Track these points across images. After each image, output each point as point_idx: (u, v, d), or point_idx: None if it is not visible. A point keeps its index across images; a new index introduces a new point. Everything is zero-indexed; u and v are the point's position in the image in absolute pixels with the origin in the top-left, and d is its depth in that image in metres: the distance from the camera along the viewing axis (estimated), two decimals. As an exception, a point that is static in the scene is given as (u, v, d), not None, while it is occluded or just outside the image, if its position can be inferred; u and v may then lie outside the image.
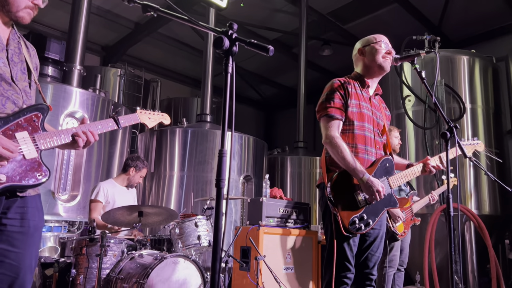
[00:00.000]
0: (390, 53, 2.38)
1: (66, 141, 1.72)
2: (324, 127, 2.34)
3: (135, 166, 3.98)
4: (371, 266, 2.36)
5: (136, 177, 4.02)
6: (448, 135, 2.11)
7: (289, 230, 4.21)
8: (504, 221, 5.67)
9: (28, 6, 1.64)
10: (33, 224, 1.67)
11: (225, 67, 1.24)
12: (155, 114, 2.27)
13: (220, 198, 1.13)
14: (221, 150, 1.20)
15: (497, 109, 6.02)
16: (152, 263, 3.03)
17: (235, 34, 1.25)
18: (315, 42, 8.87)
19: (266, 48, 1.24)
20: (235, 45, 1.25)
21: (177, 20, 1.33)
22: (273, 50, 1.25)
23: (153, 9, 1.33)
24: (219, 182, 1.16)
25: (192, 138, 6.04)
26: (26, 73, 1.72)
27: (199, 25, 1.29)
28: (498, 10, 7.38)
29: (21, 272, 1.61)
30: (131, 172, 3.98)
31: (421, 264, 5.01)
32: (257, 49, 1.27)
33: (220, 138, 4.19)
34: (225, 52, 1.24)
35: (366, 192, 2.20)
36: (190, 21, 1.30)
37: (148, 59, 9.99)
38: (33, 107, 1.66)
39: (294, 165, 7.56)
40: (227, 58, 1.24)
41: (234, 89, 1.20)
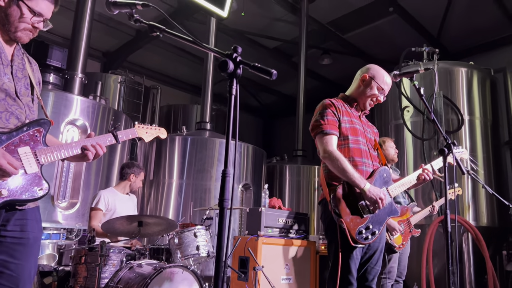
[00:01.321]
0: (378, 102, 2.50)
1: (71, 154, 1.75)
2: (320, 144, 2.38)
3: (134, 172, 4.05)
4: (370, 279, 2.39)
5: (138, 182, 4.09)
6: (446, 152, 2.14)
7: (288, 240, 4.22)
8: (501, 232, 5.69)
9: (26, 28, 1.68)
10: (32, 235, 1.70)
11: (229, 89, 1.26)
12: (152, 129, 2.34)
13: (223, 218, 1.15)
14: (225, 170, 1.22)
15: (494, 121, 6.06)
16: (151, 273, 3.03)
17: (240, 57, 1.28)
18: (314, 51, 8.92)
19: (269, 72, 1.27)
20: (239, 68, 1.28)
21: (182, 41, 1.36)
22: (276, 74, 1.27)
23: (159, 30, 1.36)
24: (222, 202, 1.18)
25: (192, 146, 6.06)
26: (29, 89, 1.76)
27: (204, 47, 1.32)
28: (496, 22, 7.45)
29: (20, 283, 1.64)
30: (131, 178, 4.03)
31: (419, 275, 5.02)
32: (261, 72, 1.30)
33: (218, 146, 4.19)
34: (230, 75, 1.27)
35: (369, 201, 2.24)
36: (195, 42, 1.33)
37: (149, 66, 10.03)
38: (35, 122, 1.69)
39: (292, 173, 7.57)
40: (231, 80, 1.27)
41: (238, 111, 1.22)
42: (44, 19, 1.73)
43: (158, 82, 9.94)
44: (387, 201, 2.28)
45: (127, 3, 1.43)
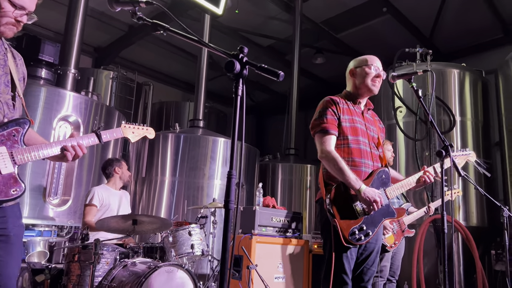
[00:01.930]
0: (379, 76, 2.46)
1: (50, 155, 1.72)
2: (319, 143, 2.38)
3: (116, 165, 4.06)
4: (366, 279, 2.40)
5: (125, 172, 4.11)
6: (443, 153, 2.15)
7: (281, 239, 4.23)
8: (490, 232, 5.77)
9: (9, 22, 1.64)
10: (13, 232, 1.69)
11: (235, 90, 1.25)
12: (139, 128, 2.28)
13: (229, 220, 1.14)
14: (230, 171, 1.21)
15: (485, 122, 6.14)
16: (145, 271, 3.02)
17: (246, 58, 1.27)
18: (308, 50, 8.94)
19: (276, 74, 1.27)
20: (245, 69, 1.27)
21: (186, 40, 1.35)
22: (283, 75, 1.27)
23: (163, 28, 1.34)
24: (227, 203, 1.18)
25: (185, 144, 6.03)
26: (9, 86, 1.71)
27: (210, 47, 1.30)
28: (488, 24, 7.54)
29: (3, 279, 1.63)
30: (118, 171, 4.03)
31: (410, 274, 5.07)
32: (268, 73, 1.29)
33: (211, 144, 4.18)
34: (236, 75, 1.26)
35: (364, 203, 2.24)
36: (199, 42, 1.32)
37: (141, 62, 9.95)
38: (13, 122, 1.66)
39: (285, 172, 7.59)
40: (237, 81, 1.26)
41: (244, 112, 1.22)
42: (28, 12, 1.68)
43: (151, 79, 9.87)
44: (383, 202, 2.28)
45: (130, 0, 1.41)
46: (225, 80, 10.49)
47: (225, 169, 6.01)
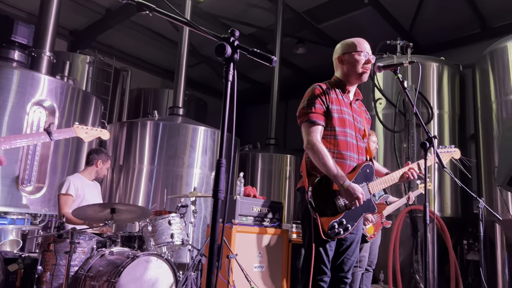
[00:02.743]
0: (369, 62, 2.39)
1: None
2: (305, 133, 2.33)
3: (102, 159, 3.94)
4: (346, 269, 2.40)
5: (104, 169, 3.99)
6: (427, 145, 2.17)
7: (262, 228, 4.22)
8: (463, 223, 5.93)
9: None
10: None
11: (225, 74, 1.20)
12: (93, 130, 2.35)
13: (217, 210, 1.10)
14: (220, 160, 1.17)
15: (462, 115, 6.27)
16: (124, 261, 2.96)
17: (237, 42, 1.22)
18: (289, 39, 8.88)
19: (269, 59, 1.22)
20: (236, 53, 1.22)
21: (173, 21, 1.28)
22: (276, 61, 1.22)
23: (149, 9, 1.27)
24: (216, 193, 1.14)
25: (164, 132, 5.92)
26: None
27: (200, 30, 1.24)
28: (466, 19, 7.66)
29: None
30: (98, 165, 3.92)
31: (385, 264, 5.16)
32: (260, 58, 1.24)
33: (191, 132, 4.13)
34: (227, 59, 1.21)
35: (347, 198, 2.22)
36: (188, 24, 1.26)
37: (119, 47, 9.69)
38: None
39: (265, 162, 7.58)
40: (228, 65, 1.21)
41: (235, 98, 1.17)
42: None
43: (129, 64, 9.63)
44: (365, 197, 2.26)
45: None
46: (205, 67, 10.35)
47: (204, 158, 5.94)
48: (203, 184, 5.83)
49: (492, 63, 5.57)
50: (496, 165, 4.87)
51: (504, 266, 5.15)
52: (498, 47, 5.54)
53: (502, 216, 4.77)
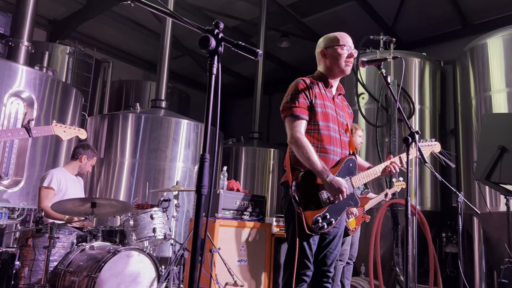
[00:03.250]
0: (352, 56, 2.41)
1: None
2: (289, 127, 2.33)
3: (87, 154, 3.84)
4: (329, 263, 2.42)
5: (88, 165, 3.89)
6: (409, 140, 2.19)
7: (245, 222, 4.22)
8: (442, 216, 6.05)
9: None
10: None
11: (209, 67, 1.18)
12: (71, 129, 2.39)
13: (201, 205, 1.09)
14: (203, 154, 1.15)
15: (442, 110, 6.37)
16: (104, 256, 2.92)
17: (222, 34, 1.20)
18: (273, 33, 8.86)
19: (254, 52, 1.20)
20: (221, 45, 1.19)
21: (156, 12, 1.25)
22: (261, 54, 1.21)
23: (131, -1, 1.23)
24: (200, 188, 1.12)
25: (146, 124, 5.85)
26: None
27: (184, 21, 1.22)
28: (448, 16, 7.76)
29: None
30: (83, 160, 3.82)
31: (366, 257, 5.23)
32: (245, 52, 1.22)
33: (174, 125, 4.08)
34: (211, 52, 1.18)
35: (330, 192, 2.23)
36: (172, 15, 1.23)
37: (100, 38, 9.50)
38: None
39: (248, 156, 7.57)
40: (212, 58, 1.18)
41: (219, 91, 1.15)
42: None
43: (110, 56, 9.47)
44: (348, 191, 2.28)
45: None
46: (188, 60, 10.25)
47: (187, 151, 5.90)
48: (186, 178, 5.79)
49: (472, 59, 5.66)
50: (475, 160, 4.97)
51: (481, 258, 5.28)
52: (478, 44, 5.63)
53: (480, 210, 4.88)
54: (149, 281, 3.10)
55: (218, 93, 1.16)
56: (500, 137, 3.63)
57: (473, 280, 5.25)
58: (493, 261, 5.23)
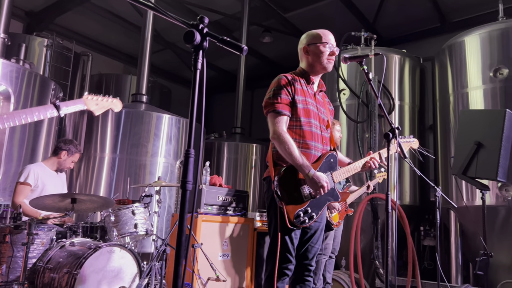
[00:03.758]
0: (333, 54, 2.45)
1: None
2: (271, 123, 2.36)
3: (68, 150, 3.73)
4: (310, 257, 2.45)
5: (68, 162, 3.77)
6: (390, 136, 2.22)
7: (227, 217, 4.23)
8: (421, 210, 6.18)
9: None
10: None
11: (194, 62, 1.17)
12: (104, 100, 2.05)
13: (185, 202, 1.08)
14: (188, 150, 1.15)
15: (421, 107, 6.49)
16: (85, 252, 2.88)
17: (206, 29, 1.19)
18: (256, 28, 8.84)
19: (239, 48, 1.20)
20: (206, 40, 1.19)
21: (137, 5, 1.24)
22: (247, 50, 1.21)
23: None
24: (184, 184, 1.12)
25: (126, 119, 5.77)
26: None
27: (167, 15, 1.20)
28: (427, 13, 7.89)
29: None
30: (62, 156, 3.72)
31: (347, 250, 5.31)
32: (230, 47, 1.22)
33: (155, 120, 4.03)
34: (195, 47, 1.17)
35: (312, 187, 2.27)
36: (155, 9, 1.22)
37: (79, 31, 9.30)
38: None
39: (230, 151, 7.56)
40: (196, 53, 1.18)
41: (204, 86, 1.15)
42: None
43: (89, 49, 9.28)
44: (329, 186, 2.31)
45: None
46: (170, 54, 10.14)
47: (169, 146, 5.85)
48: (168, 173, 5.75)
49: (451, 56, 5.78)
50: (452, 155, 5.08)
51: (458, 251, 5.42)
52: (456, 42, 5.74)
53: (456, 204, 5.00)
54: (131, 277, 3.08)
55: (203, 88, 1.16)
56: (476, 133, 3.73)
57: (450, 272, 5.39)
58: (469, 254, 5.37)
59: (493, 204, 4.90)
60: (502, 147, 3.51)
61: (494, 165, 3.50)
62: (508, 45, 5.18)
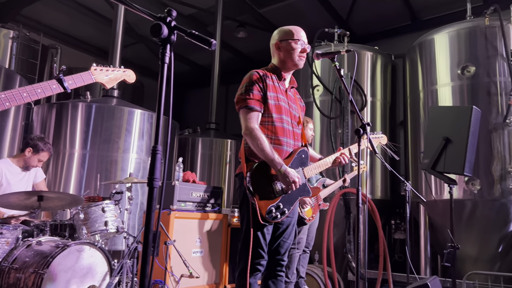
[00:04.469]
0: (305, 51, 2.47)
1: None
2: (243, 119, 2.35)
3: (34, 147, 3.55)
4: (282, 252, 2.47)
5: (33, 160, 3.58)
6: (361, 132, 2.25)
7: (201, 214, 4.20)
8: (391, 204, 6.32)
9: None
10: None
11: (161, 56, 1.14)
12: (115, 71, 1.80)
13: (152, 199, 1.06)
14: (155, 146, 1.12)
15: (393, 103, 6.62)
16: (53, 251, 2.80)
17: (174, 22, 1.16)
18: (230, 23, 8.78)
19: (208, 42, 1.18)
20: (173, 34, 1.16)
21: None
22: (216, 44, 1.19)
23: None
24: (151, 181, 1.09)
25: (97, 114, 5.63)
26: None
27: (134, 8, 1.17)
28: (398, 11, 8.02)
29: None
30: (27, 153, 3.56)
31: (320, 244, 5.37)
32: (199, 41, 1.20)
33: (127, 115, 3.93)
34: (163, 40, 1.15)
35: (283, 183, 2.28)
36: (122, 1, 1.18)
37: (47, 22, 9.00)
38: None
39: (205, 146, 7.51)
40: (164, 47, 1.15)
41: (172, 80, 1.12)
42: None
43: (58, 42, 9.00)
44: (301, 181, 2.34)
45: None
46: (142, 47, 9.96)
47: (141, 142, 5.76)
48: (140, 170, 5.66)
49: (421, 54, 5.90)
50: (422, 150, 5.21)
51: (427, 243, 5.57)
52: (426, 39, 5.87)
53: (426, 198, 5.14)
54: (101, 276, 3.02)
55: (171, 82, 1.13)
56: (444, 129, 3.82)
57: (419, 264, 5.54)
58: (437, 246, 5.53)
59: (460, 198, 5.06)
60: (468, 143, 3.62)
61: (461, 160, 3.60)
62: (475, 44, 5.34)
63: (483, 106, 4.82)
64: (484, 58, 5.26)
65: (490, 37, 5.28)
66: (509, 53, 5.10)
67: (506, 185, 4.86)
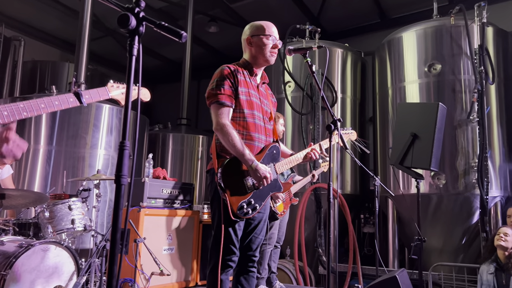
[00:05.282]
0: (276, 47, 2.46)
1: None
2: (214, 114, 2.33)
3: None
4: (254, 248, 2.46)
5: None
6: (332, 127, 2.27)
7: (172, 211, 4.14)
8: (361, 199, 6.44)
9: None
10: None
11: (129, 48, 1.10)
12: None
13: (120, 197, 1.02)
14: (123, 142, 1.08)
15: (362, 99, 6.74)
16: (16, 251, 2.69)
17: (143, 13, 1.13)
18: (202, 17, 8.68)
19: (178, 34, 1.15)
20: (142, 25, 1.12)
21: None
22: (186, 36, 1.16)
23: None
24: (119, 178, 1.05)
25: (64, 109, 5.44)
26: None
27: (100, -2, 1.12)
28: (368, 9, 8.15)
29: None
30: None
31: (291, 239, 5.42)
32: (168, 33, 1.16)
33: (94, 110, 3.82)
34: (131, 32, 1.11)
35: (255, 178, 2.27)
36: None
37: (9, 14, 8.61)
38: None
39: (176, 142, 7.41)
40: (132, 39, 1.11)
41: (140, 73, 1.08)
42: None
43: (22, 34, 8.65)
44: (272, 177, 2.34)
45: None
46: (110, 41, 9.70)
47: (110, 138, 5.62)
48: (108, 166, 5.52)
49: (389, 52, 6.03)
50: (390, 146, 5.33)
51: (395, 237, 5.72)
52: (395, 37, 6.00)
53: (394, 192, 5.26)
54: (68, 275, 2.93)
55: (139, 75, 1.10)
56: (412, 125, 3.92)
57: (388, 257, 5.68)
58: (405, 239, 5.69)
59: (427, 192, 5.21)
60: (435, 138, 3.72)
61: (428, 155, 3.70)
62: (441, 42, 5.49)
63: (448, 103, 4.98)
64: (449, 56, 5.42)
65: (456, 36, 5.44)
66: (473, 52, 5.28)
67: (469, 180, 5.04)
